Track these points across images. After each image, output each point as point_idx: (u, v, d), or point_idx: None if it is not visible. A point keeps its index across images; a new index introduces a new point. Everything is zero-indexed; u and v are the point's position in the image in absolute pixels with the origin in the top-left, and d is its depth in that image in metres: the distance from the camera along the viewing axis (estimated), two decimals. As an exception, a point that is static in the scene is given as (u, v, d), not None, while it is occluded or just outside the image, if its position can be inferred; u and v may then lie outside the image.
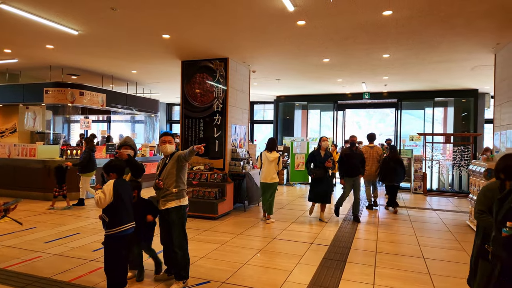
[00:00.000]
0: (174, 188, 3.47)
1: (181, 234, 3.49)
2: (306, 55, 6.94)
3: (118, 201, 3.00)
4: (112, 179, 3.08)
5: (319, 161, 6.32)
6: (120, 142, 3.77)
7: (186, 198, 3.59)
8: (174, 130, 16.30)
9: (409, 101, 12.04)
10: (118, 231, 3.02)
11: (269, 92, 12.34)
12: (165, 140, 3.57)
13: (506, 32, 5.32)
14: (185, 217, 3.56)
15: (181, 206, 3.49)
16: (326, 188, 6.40)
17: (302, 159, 11.51)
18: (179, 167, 3.49)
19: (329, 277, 3.85)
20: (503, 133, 5.98)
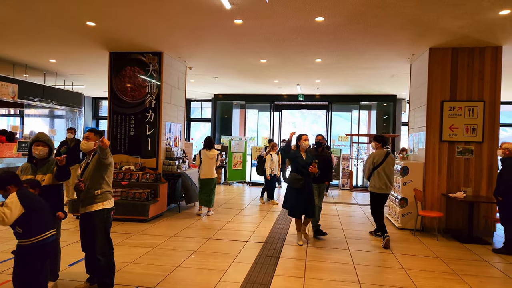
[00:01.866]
0: (97, 190, 3.21)
1: (104, 240, 3.24)
2: (244, 54, 6.99)
3: (30, 212, 2.65)
4: (11, 192, 2.64)
5: (302, 166, 4.93)
6: (32, 138, 3.32)
7: (111, 200, 3.34)
8: (101, 127, 15.16)
9: (339, 104, 12.88)
10: (36, 241, 2.67)
11: (207, 90, 12.19)
12: (84, 136, 3.29)
13: (419, 45, 5.97)
14: (109, 221, 3.32)
15: (105, 209, 3.24)
16: (309, 196, 5.05)
17: (240, 158, 11.59)
18: (101, 166, 3.21)
19: (262, 273, 3.92)
20: (416, 135, 6.71)
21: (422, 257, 4.66)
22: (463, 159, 5.93)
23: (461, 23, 4.84)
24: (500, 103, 5.88)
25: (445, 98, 5.98)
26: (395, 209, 6.42)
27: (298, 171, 4.96)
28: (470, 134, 5.90)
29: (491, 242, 5.51)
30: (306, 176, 4.94)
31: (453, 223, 5.97)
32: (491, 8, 4.30)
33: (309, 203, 5.01)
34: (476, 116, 5.88)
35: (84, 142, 3.26)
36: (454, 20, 4.74)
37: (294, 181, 4.97)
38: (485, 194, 5.82)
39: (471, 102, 5.89)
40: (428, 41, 5.71)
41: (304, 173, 4.92)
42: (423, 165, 6.10)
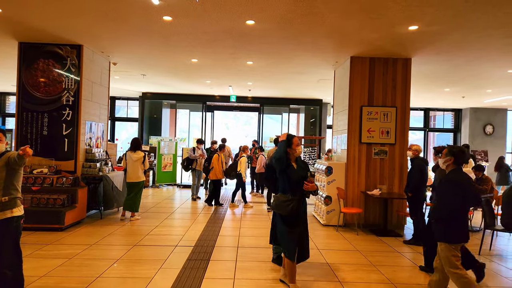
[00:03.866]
0: (4, 197, 2.81)
1: (12, 251, 2.85)
2: (174, 52, 6.74)
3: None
4: None
5: (295, 181, 3.52)
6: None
7: (21, 207, 2.96)
8: (8, 126, 13.31)
9: (270, 106, 13.24)
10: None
11: (134, 88, 11.50)
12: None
13: (341, 53, 6.42)
14: (18, 231, 2.93)
15: (13, 217, 2.86)
16: (304, 228, 3.64)
17: (170, 160, 11.17)
18: (10, 171, 2.86)
19: (192, 278, 3.80)
20: (339, 137, 7.20)
21: (344, 251, 4.99)
22: (379, 159, 6.53)
23: (377, 35, 5.33)
24: (409, 109, 6.62)
25: (364, 103, 6.52)
26: (321, 207, 6.79)
27: (288, 189, 3.53)
28: (385, 136, 6.53)
29: (402, 234, 6.16)
30: (299, 196, 3.54)
31: (371, 218, 6.52)
32: (402, 23, 4.80)
33: (304, 237, 3.61)
34: (390, 120, 6.52)
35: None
36: (371, 32, 5.19)
37: (282, 205, 3.49)
38: (397, 191, 6.49)
39: (385, 107, 6.52)
40: (350, 50, 6.16)
41: (296, 191, 3.52)
42: (345, 165, 6.56)
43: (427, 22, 4.70)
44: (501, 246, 5.62)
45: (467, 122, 13.00)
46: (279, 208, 3.54)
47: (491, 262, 4.70)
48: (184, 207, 7.95)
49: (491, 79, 8.13)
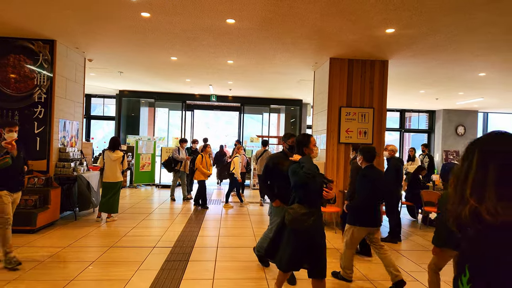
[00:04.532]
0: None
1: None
2: (152, 50, 6.61)
3: None
4: None
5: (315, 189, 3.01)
6: None
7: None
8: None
9: (250, 106, 13.24)
10: None
11: (111, 85, 11.21)
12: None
13: (321, 54, 6.50)
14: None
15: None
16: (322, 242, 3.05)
17: (148, 160, 10.97)
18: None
19: (170, 279, 3.75)
20: (318, 137, 7.29)
21: (323, 249, 5.05)
22: (356, 159, 6.65)
23: (356, 37, 5.43)
24: (386, 110, 6.78)
25: (343, 104, 6.64)
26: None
27: (305, 200, 2.99)
28: (362, 137, 6.66)
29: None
30: (318, 208, 3.06)
31: (348, 217, 6.64)
32: (379, 26, 4.91)
33: (320, 253, 3.01)
34: (367, 121, 6.66)
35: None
36: (350, 34, 5.28)
37: (301, 219, 2.93)
38: (374, 189, 6.64)
39: (363, 108, 6.66)
40: (329, 51, 6.25)
41: (316, 201, 3.05)
42: (324, 164, 6.65)
43: (403, 25, 4.83)
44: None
45: (440, 123, 13.48)
46: (296, 223, 2.93)
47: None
48: (162, 207, 7.82)
49: (463, 81, 8.46)
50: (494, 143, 0.94)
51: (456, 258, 0.94)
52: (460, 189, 0.94)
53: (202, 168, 7.65)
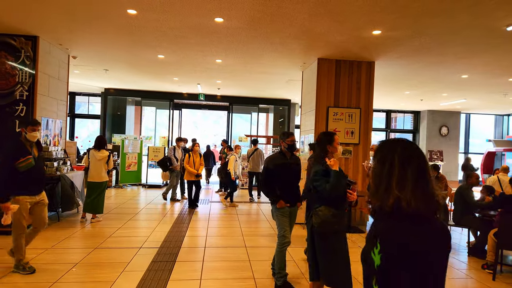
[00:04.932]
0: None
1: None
2: (139, 48, 6.52)
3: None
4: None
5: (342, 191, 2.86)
6: None
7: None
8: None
9: (239, 105, 13.22)
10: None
11: (96, 83, 11.00)
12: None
13: (309, 55, 6.54)
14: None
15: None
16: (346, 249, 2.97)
17: (135, 159, 10.81)
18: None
19: (156, 280, 3.70)
20: (306, 137, 7.33)
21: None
22: (344, 158, 6.72)
23: (343, 38, 5.48)
24: (372, 110, 6.87)
25: (330, 104, 6.69)
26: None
27: (333, 202, 2.84)
28: (349, 136, 6.73)
29: (365, 230, 6.38)
30: (344, 211, 2.95)
31: (335, 216, 6.70)
32: (366, 27, 4.97)
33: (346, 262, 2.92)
34: (354, 121, 6.73)
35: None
36: (338, 35, 5.33)
37: (331, 222, 2.82)
38: (361, 189, 6.71)
39: (350, 108, 6.73)
40: (317, 52, 6.29)
41: (341, 205, 2.90)
42: (312, 164, 6.68)
43: (389, 27, 4.90)
44: (454, 240, 5.99)
45: (425, 124, 13.75)
46: (327, 225, 2.78)
47: (446, 256, 4.99)
48: (149, 207, 7.72)
49: (447, 83, 8.65)
50: (407, 149, 1.23)
51: (369, 235, 1.24)
52: (386, 183, 1.20)
53: (189, 168, 7.54)
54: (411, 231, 1.14)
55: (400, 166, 1.20)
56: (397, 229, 1.16)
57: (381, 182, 1.22)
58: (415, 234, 1.13)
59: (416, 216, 1.15)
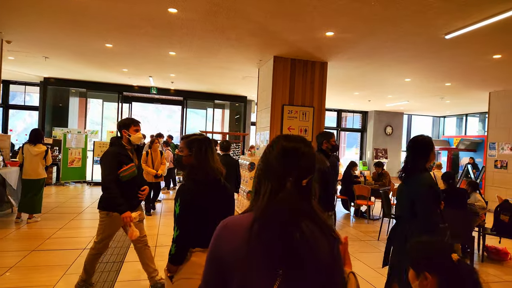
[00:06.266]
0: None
1: None
2: (84, 35, 6.06)
3: None
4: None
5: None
6: None
7: None
8: None
9: (194, 100, 12.93)
10: None
11: (34, 72, 10.05)
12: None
13: (266, 52, 6.56)
14: None
15: None
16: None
17: (79, 155, 10.10)
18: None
19: (102, 282, 3.49)
20: (262, 134, 7.38)
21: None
22: (297, 155, 6.87)
23: (298, 38, 5.57)
24: (325, 109, 7.10)
25: (285, 102, 6.79)
26: (243, 202, 6.87)
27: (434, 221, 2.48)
28: (303, 134, 6.90)
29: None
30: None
31: (288, 211, 6.83)
32: (320, 28, 5.10)
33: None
34: (308, 119, 6.91)
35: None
36: (293, 34, 5.41)
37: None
38: (312, 185, 6.91)
39: (304, 107, 6.89)
40: (273, 49, 6.34)
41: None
42: (266, 161, 6.74)
43: (341, 29, 5.08)
44: (396, 232, 6.43)
45: (372, 123, 14.58)
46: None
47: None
48: (95, 206, 7.24)
49: (392, 86, 9.23)
50: (206, 141, 2.02)
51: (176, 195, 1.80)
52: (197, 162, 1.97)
53: (146, 167, 6.77)
54: (196, 191, 1.85)
55: (203, 150, 1.97)
56: (188, 189, 1.87)
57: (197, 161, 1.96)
58: (199, 192, 1.85)
59: (202, 181, 1.88)
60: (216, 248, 0.98)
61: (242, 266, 0.93)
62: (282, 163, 1.02)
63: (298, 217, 0.98)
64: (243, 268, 0.93)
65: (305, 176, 1.03)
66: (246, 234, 0.94)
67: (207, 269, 1.01)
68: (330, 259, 1.00)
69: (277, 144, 1.06)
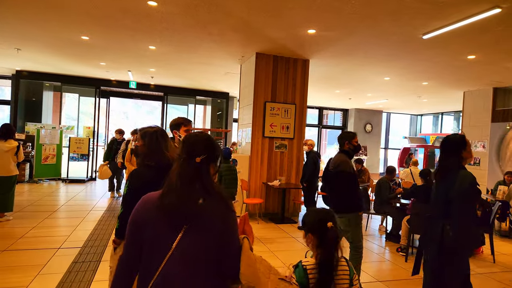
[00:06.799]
0: None
1: None
2: (59, 26, 5.82)
3: None
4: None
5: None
6: None
7: None
8: None
9: (175, 96, 12.71)
10: None
11: (5, 64, 9.58)
12: None
13: (248, 48, 6.52)
14: None
15: None
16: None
17: (53, 151, 9.75)
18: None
19: (77, 282, 3.38)
20: (244, 130, 7.35)
21: (245, 241, 5.11)
22: (279, 152, 6.89)
23: (280, 35, 5.56)
24: (306, 106, 7.14)
25: (268, 99, 6.78)
26: (224, 199, 6.83)
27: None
28: (285, 131, 6.91)
29: (297, 221, 6.65)
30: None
31: (270, 208, 6.86)
32: (302, 25, 5.10)
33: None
34: (290, 116, 6.93)
35: None
36: (276, 30, 5.39)
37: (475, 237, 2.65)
38: (294, 181, 6.96)
39: (286, 104, 6.90)
40: (256, 46, 6.30)
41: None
42: (249, 157, 6.73)
43: (323, 27, 5.10)
44: (375, 227, 6.57)
45: (352, 121, 14.82)
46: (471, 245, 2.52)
47: (366, 241, 5.44)
48: (71, 204, 7.03)
49: (372, 84, 9.40)
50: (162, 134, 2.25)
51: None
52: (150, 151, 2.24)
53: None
54: (146, 177, 2.05)
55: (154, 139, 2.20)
56: (138, 174, 2.13)
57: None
58: (148, 178, 2.01)
59: (154, 166, 2.09)
60: (136, 214, 1.32)
61: (153, 223, 1.27)
62: (181, 147, 1.39)
63: (190, 189, 1.30)
64: (154, 225, 1.27)
65: (198, 155, 1.34)
66: (156, 202, 1.29)
67: (128, 231, 1.32)
68: (223, 224, 1.31)
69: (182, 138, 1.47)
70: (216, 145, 1.44)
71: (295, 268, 1.77)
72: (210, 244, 1.28)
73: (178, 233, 1.25)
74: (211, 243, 1.28)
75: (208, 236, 1.28)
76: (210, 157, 1.38)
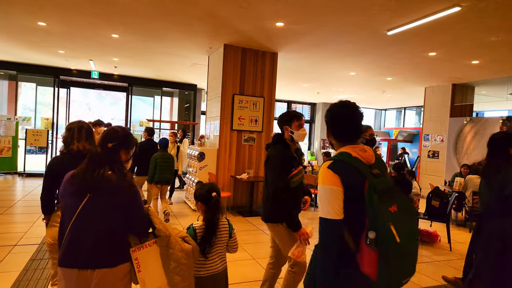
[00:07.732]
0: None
1: None
2: (12, 11, 5.40)
3: None
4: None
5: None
6: None
7: None
8: None
9: (140, 87, 12.30)
10: None
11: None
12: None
13: (215, 39, 6.41)
14: None
15: None
16: None
17: (9, 143, 9.13)
18: None
19: (35, 280, 3.24)
20: (212, 123, 7.26)
21: (213, 234, 5.09)
22: (248, 145, 6.89)
23: (248, 27, 5.52)
24: (275, 100, 7.17)
25: (236, 92, 6.73)
26: (192, 192, 6.74)
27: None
28: (253, 124, 6.91)
29: (265, 213, 6.70)
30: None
31: (238, 201, 6.87)
32: (270, 18, 5.09)
33: None
34: (258, 109, 6.93)
35: None
36: (243, 22, 5.33)
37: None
38: (262, 174, 7.01)
39: (255, 97, 6.89)
40: (223, 37, 6.21)
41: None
42: (217, 151, 6.67)
43: (291, 20, 5.12)
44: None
45: (320, 115, 15.11)
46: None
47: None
48: (28, 199, 6.64)
49: (338, 78, 9.61)
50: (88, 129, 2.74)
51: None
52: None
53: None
54: (59, 162, 2.57)
55: (71, 132, 2.64)
56: (53, 160, 2.63)
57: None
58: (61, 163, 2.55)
59: (71, 153, 2.55)
60: (61, 188, 1.78)
61: (68, 193, 1.73)
62: (100, 136, 1.81)
63: (97, 166, 1.71)
64: (68, 195, 1.72)
65: (110, 142, 1.76)
66: (69, 177, 1.76)
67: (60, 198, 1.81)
68: (124, 195, 1.72)
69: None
70: (129, 136, 1.85)
71: (187, 229, 2.15)
72: (109, 208, 1.69)
73: (83, 199, 1.66)
74: (110, 207, 1.69)
75: (108, 201, 1.68)
76: (121, 144, 1.79)
